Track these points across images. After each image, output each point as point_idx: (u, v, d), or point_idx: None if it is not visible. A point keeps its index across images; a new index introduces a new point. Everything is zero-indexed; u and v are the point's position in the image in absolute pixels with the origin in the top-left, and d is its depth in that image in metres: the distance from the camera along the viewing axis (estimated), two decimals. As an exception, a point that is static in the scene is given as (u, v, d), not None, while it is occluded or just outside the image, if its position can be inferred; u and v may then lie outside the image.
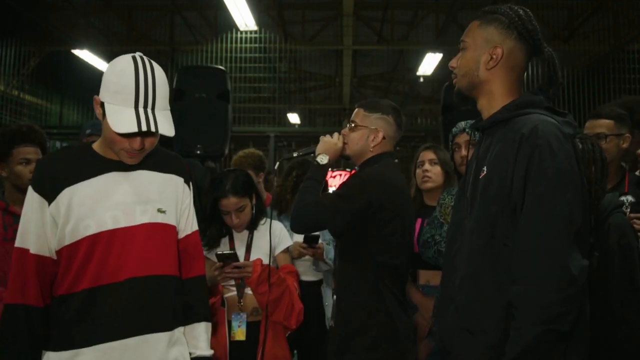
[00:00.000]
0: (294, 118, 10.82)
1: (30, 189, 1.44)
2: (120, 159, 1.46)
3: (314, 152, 1.95)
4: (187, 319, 1.57)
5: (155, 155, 1.54)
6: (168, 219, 1.52)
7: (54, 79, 9.04)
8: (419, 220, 2.40)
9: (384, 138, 1.91)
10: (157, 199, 1.51)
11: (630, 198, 2.00)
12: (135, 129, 1.34)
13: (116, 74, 1.39)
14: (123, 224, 1.44)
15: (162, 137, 1.47)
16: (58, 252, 1.43)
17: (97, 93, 1.44)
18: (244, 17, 6.93)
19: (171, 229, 1.54)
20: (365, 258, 1.81)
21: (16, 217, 2.20)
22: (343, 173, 6.66)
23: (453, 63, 1.43)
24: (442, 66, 7.41)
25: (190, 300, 1.58)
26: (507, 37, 1.36)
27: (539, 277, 1.15)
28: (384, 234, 1.79)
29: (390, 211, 1.79)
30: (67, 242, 1.41)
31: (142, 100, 1.38)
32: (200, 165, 3.42)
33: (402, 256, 1.85)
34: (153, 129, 1.35)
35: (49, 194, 1.41)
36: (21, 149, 2.21)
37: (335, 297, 1.89)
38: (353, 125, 1.94)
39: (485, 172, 1.30)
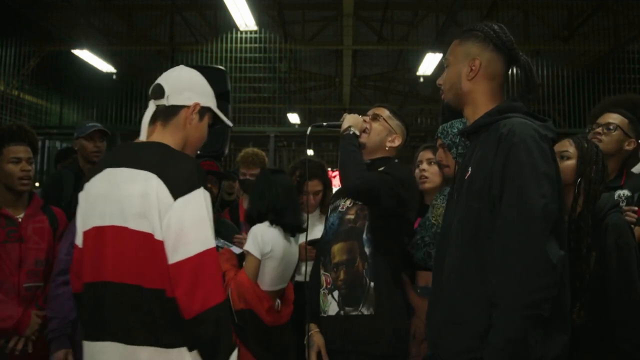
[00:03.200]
0: (294, 118, 10.82)
1: (204, 191, 1.43)
2: (196, 152, 1.66)
3: (340, 125, 2.00)
4: None
5: None
6: None
7: (54, 79, 9.01)
8: (418, 219, 2.40)
9: (398, 146, 2.05)
10: None
11: (626, 192, 2.03)
12: (230, 124, 1.77)
13: (205, 80, 1.66)
14: None
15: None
16: None
17: (97, 93, 1.47)
18: (244, 17, 6.93)
19: None
20: (397, 250, 1.97)
21: (8, 220, 2.21)
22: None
23: (440, 80, 1.56)
24: (442, 66, 7.42)
25: None
26: (484, 50, 1.48)
27: (519, 265, 1.23)
28: (407, 230, 1.98)
29: (415, 212, 1.99)
30: None
31: None
32: None
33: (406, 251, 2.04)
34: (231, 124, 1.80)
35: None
36: (11, 147, 2.22)
37: (372, 284, 1.90)
38: (378, 118, 2.03)
39: (469, 172, 1.40)
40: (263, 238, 2.37)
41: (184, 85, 1.57)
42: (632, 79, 7.61)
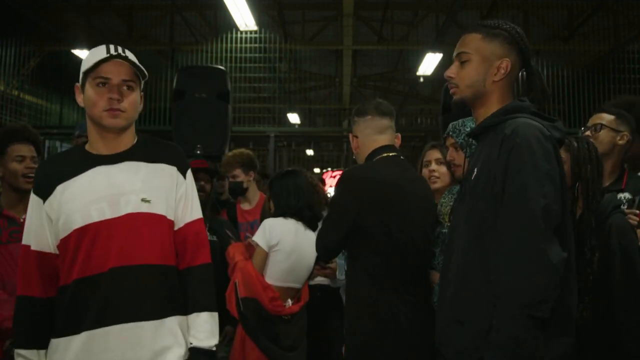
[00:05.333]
0: (294, 118, 10.82)
1: (31, 192, 1.55)
2: (105, 124, 1.50)
3: None
4: (188, 308, 1.56)
5: (145, 146, 1.60)
6: (154, 208, 1.52)
7: (54, 79, 9.02)
8: None
9: (357, 146, 2.05)
10: (142, 189, 1.52)
11: (627, 195, 2.02)
12: (104, 54, 1.47)
13: (88, 54, 1.57)
14: (108, 215, 1.47)
15: (164, 137, 1.48)
16: (58, 247, 1.51)
17: None
18: (244, 17, 6.93)
19: (157, 218, 1.53)
20: (357, 259, 1.91)
21: (11, 220, 2.20)
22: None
23: (451, 73, 1.48)
24: (442, 66, 7.40)
25: (191, 290, 1.57)
26: (511, 52, 1.44)
27: (517, 265, 1.22)
28: (364, 236, 1.87)
29: (365, 214, 1.86)
30: (61, 236, 1.48)
31: (113, 48, 1.51)
32: None
33: (394, 253, 1.86)
34: (121, 52, 1.49)
35: (44, 193, 1.50)
36: (15, 146, 2.23)
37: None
38: (354, 139, 2.10)
39: (475, 173, 1.40)
40: (271, 230, 2.44)
41: None
42: (632, 79, 7.62)
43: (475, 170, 1.40)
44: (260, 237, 2.45)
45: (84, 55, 8.12)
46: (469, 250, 1.37)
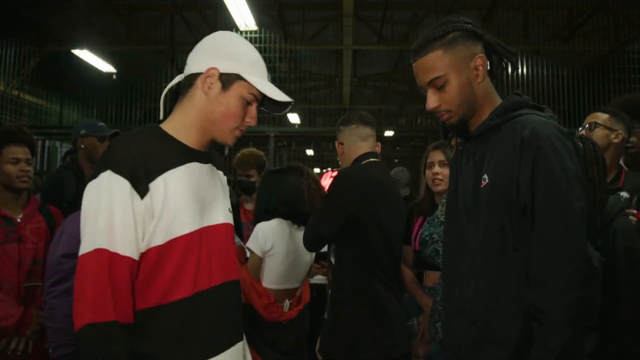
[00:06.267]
0: (294, 118, 10.82)
1: (110, 174, 1.13)
2: (225, 139, 1.29)
3: None
4: None
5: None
6: (231, 220, 1.37)
7: (54, 79, 9.01)
8: (427, 220, 2.38)
9: (343, 152, 2.17)
10: (223, 198, 1.35)
11: (625, 194, 2.02)
12: (289, 99, 1.30)
13: (244, 45, 1.30)
14: (206, 222, 1.25)
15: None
16: (142, 255, 1.16)
17: (97, 93, 1.43)
18: (244, 17, 6.93)
19: (233, 232, 1.38)
20: (348, 249, 2.03)
21: (8, 220, 2.21)
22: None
23: (434, 103, 1.35)
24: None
25: None
26: (474, 45, 1.33)
27: (564, 275, 1.15)
28: (357, 229, 2.00)
29: (360, 209, 2.00)
30: (159, 242, 1.16)
31: (270, 77, 1.33)
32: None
33: (382, 244, 2.02)
34: (291, 99, 1.32)
35: (141, 181, 1.14)
36: (11, 148, 2.23)
37: (329, 290, 2.10)
38: (340, 147, 2.22)
39: (487, 181, 1.28)
40: (264, 235, 2.43)
41: (208, 48, 1.29)
42: (632, 79, 7.60)
43: (486, 178, 1.28)
44: (253, 243, 2.43)
45: (83, 55, 8.03)
46: (492, 265, 1.27)
